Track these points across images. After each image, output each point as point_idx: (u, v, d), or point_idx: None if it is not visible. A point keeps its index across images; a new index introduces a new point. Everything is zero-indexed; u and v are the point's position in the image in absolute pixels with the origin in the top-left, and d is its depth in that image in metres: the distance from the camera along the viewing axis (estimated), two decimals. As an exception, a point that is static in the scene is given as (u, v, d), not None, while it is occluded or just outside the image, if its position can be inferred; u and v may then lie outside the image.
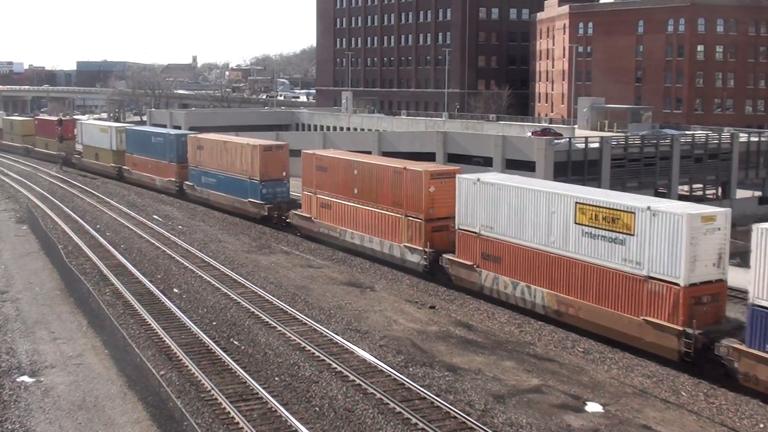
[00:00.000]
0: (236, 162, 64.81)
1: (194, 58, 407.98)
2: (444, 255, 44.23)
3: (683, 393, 29.98)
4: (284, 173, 62.71)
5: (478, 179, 41.76)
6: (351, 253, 52.15)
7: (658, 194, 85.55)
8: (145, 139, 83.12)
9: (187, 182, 73.81)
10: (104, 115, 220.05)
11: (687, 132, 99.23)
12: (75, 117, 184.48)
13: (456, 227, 43.29)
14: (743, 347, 29.43)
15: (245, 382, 29.93)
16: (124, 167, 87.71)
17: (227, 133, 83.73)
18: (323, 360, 32.48)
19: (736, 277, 36.56)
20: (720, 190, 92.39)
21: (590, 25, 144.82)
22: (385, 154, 79.70)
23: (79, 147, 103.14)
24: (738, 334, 30.54)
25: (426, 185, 45.25)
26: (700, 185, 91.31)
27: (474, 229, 41.76)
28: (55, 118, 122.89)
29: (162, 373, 30.75)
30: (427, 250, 45.30)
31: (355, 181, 51.04)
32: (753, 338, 29.16)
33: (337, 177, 53.05)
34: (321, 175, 54.69)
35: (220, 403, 28.07)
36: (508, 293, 39.90)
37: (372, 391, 29.17)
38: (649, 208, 32.98)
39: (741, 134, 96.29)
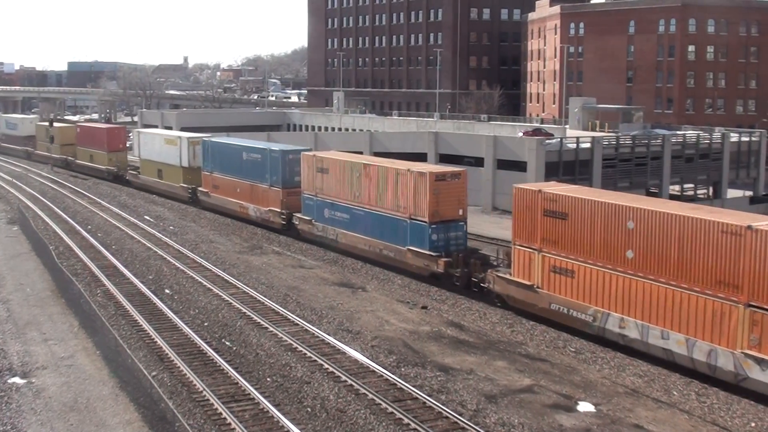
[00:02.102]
0: (386, 193, 47.98)
1: (185, 59, 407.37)
2: None
3: (675, 392, 30.05)
4: (461, 210, 45.30)
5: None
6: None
7: (649, 194, 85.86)
8: (233, 155, 65.31)
9: (299, 215, 56.78)
10: (95, 116, 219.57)
11: (678, 132, 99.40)
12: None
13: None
14: None
15: (237, 383, 29.89)
16: (201, 189, 70.59)
17: (220, 134, 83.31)
18: (315, 361, 32.46)
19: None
20: (711, 190, 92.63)
21: (581, 25, 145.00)
22: (378, 154, 79.64)
23: (131, 158, 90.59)
24: None
25: None
26: (692, 185, 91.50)
27: None
28: (103, 126, 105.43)
29: (154, 374, 30.70)
30: None
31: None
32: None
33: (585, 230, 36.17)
34: (555, 223, 37.49)
35: (212, 404, 28.02)
36: None
37: (364, 391, 29.16)
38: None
39: (732, 134, 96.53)
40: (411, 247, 45.89)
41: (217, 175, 67.48)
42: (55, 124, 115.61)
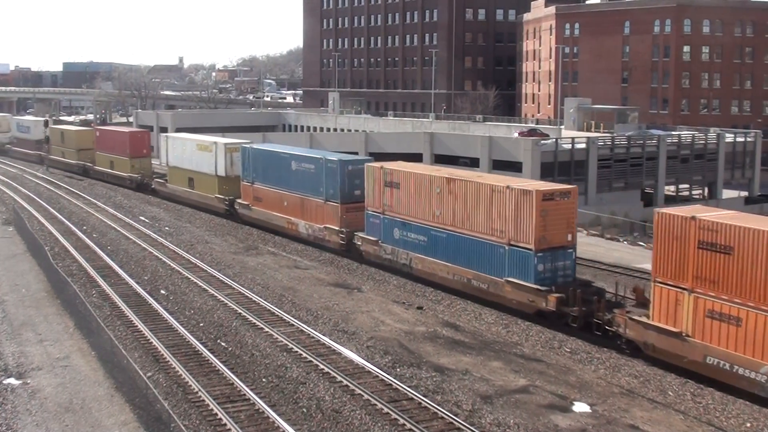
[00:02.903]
0: (477, 213, 40.71)
1: (181, 59, 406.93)
2: None
3: (670, 392, 30.08)
4: (570, 235, 38.56)
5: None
6: None
7: (644, 195, 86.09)
8: (280, 164, 57.92)
9: (361, 234, 49.93)
10: (90, 116, 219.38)
11: (673, 132, 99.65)
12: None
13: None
14: None
15: (232, 384, 29.87)
16: (240, 201, 63.34)
17: (217, 134, 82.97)
18: (311, 361, 32.45)
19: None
20: (706, 190, 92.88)
21: (577, 25, 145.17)
22: (374, 154, 79.72)
23: (156, 164, 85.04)
24: None
25: None
26: (687, 185, 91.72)
27: None
28: (126, 129, 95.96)
29: (149, 374, 30.68)
30: None
31: None
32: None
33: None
34: None
35: (208, 405, 28.00)
36: None
37: (359, 392, 29.16)
38: None
39: (727, 134, 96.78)
40: (510, 279, 38.76)
41: (259, 186, 60.23)
42: (71, 127, 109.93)
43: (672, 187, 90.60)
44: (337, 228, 51.80)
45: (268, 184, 59.08)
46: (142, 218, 66.22)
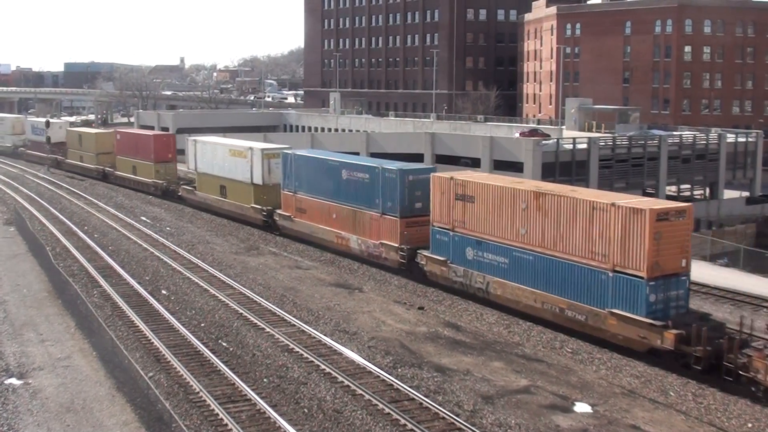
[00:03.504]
0: (572, 233, 35.84)
1: (182, 60, 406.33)
2: None
3: (671, 393, 30.07)
4: (684, 261, 33.93)
5: None
6: None
7: (645, 195, 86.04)
8: (328, 172, 52.69)
9: (425, 252, 44.69)
10: (92, 117, 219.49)
11: (674, 132, 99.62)
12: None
13: None
14: None
15: (234, 384, 29.88)
16: (280, 212, 58.16)
17: (219, 134, 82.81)
18: (312, 361, 32.45)
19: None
20: (708, 190, 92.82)
21: (578, 26, 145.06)
22: (373, 155, 79.68)
23: (182, 169, 79.26)
24: None
25: None
26: (688, 186, 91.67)
27: None
28: (149, 132, 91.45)
29: (150, 374, 30.69)
30: None
31: None
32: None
33: None
34: None
35: (209, 405, 28.01)
36: None
37: (361, 392, 29.16)
38: None
39: (728, 135, 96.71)
40: (615, 311, 33.92)
41: (303, 195, 55.13)
42: (90, 129, 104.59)
43: (673, 188, 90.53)
44: (395, 245, 46.61)
45: (314, 194, 53.87)
46: (144, 218, 66.22)
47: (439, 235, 43.44)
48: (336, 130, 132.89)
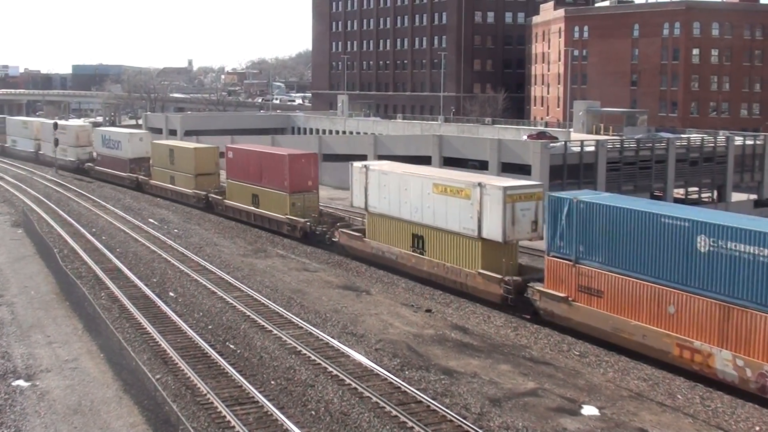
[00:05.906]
0: None
1: (190, 62, 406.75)
2: None
3: (679, 396, 30.00)
4: None
5: None
6: None
7: (654, 197, 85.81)
8: (657, 235, 32.41)
9: None
10: (100, 119, 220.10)
11: (682, 135, 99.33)
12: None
13: None
14: None
15: (241, 386, 29.89)
16: (542, 289, 38.26)
17: (225, 136, 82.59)
18: (319, 364, 32.45)
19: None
20: (716, 193, 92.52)
21: (586, 28, 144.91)
22: (382, 157, 79.61)
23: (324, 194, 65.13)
24: None
25: None
26: (696, 188, 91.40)
27: None
28: (280, 150, 65.22)
29: (158, 377, 30.71)
30: None
31: None
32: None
33: None
34: None
35: (216, 407, 28.03)
36: None
37: (368, 394, 29.14)
38: None
39: (736, 137, 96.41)
40: None
41: (599, 269, 35.17)
42: (186, 144, 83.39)
43: (681, 190, 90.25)
44: None
45: (625, 269, 34.11)
46: (151, 220, 66.29)
47: None
48: (344, 132, 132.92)
